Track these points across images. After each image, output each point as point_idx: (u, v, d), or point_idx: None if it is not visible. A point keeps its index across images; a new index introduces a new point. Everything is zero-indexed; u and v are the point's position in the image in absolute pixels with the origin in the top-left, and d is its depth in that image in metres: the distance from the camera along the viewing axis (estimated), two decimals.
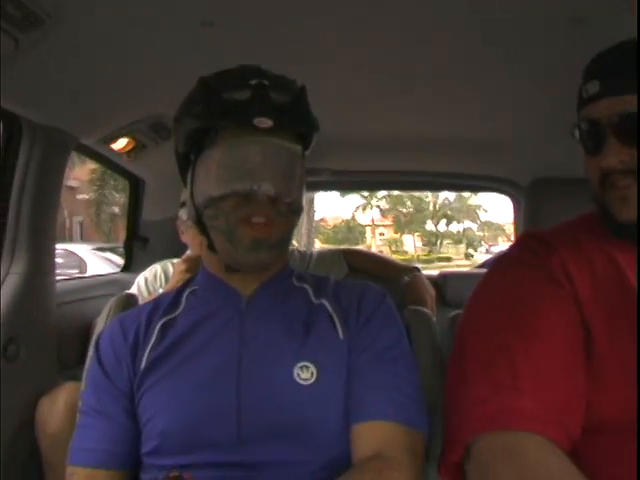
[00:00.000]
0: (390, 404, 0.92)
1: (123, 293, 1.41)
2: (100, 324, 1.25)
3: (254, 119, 0.91)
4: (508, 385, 0.80)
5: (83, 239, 18.01)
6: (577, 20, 1.23)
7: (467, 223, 38.61)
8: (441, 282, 2.38)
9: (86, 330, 1.99)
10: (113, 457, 0.96)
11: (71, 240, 15.50)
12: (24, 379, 1.59)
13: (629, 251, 0.87)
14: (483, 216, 38.42)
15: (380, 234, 38.23)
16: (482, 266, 3.52)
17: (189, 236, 1.95)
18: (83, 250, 8.05)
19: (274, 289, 1.04)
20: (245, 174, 0.92)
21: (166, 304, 1.06)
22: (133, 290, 1.98)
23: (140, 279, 2.02)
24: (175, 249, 2.33)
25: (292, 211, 0.99)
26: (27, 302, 1.62)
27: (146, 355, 0.98)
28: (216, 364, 0.95)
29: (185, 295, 1.07)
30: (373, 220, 36.62)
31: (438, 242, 37.35)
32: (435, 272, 2.53)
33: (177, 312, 1.04)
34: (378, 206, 35.37)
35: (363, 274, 2.11)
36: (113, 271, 2.74)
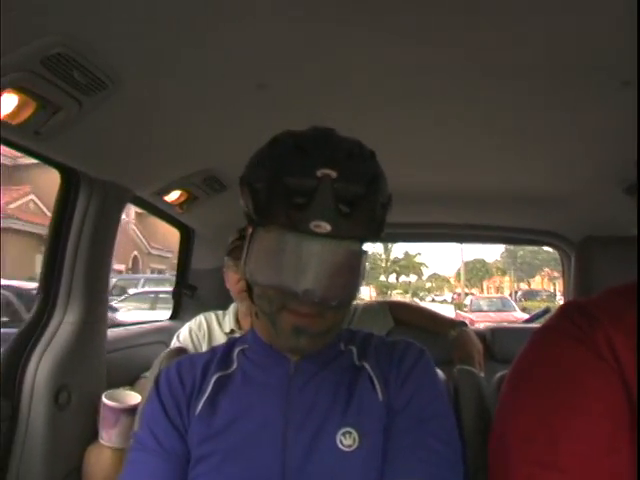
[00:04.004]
0: (418, 463, 0.89)
1: (173, 347, 1.43)
2: (151, 378, 1.25)
3: (311, 222, 0.84)
4: (549, 464, 0.77)
5: None
6: (625, 83, 1.23)
7: (412, 277, 54.91)
8: (489, 337, 2.33)
9: (134, 378, 2.02)
10: None
11: None
12: (74, 426, 1.61)
13: None
14: (426, 271, 55.80)
15: None
16: (529, 321, 3.43)
17: (230, 284, 1.96)
18: None
19: (322, 355, 1.01)
20: (291, 275, 0.87)
21: (219, 358, 1.05)
22: (178, 339, 1.99)
23: (185, 329, 2.02)
24: (223, 298, 2.35)
25: (342, 305, 0.94)
26: (79, 351, 1.65)
27: (201, 405, 0.97)
28: (262, 430, 0.93)
29: (236, 352, 1.06)
30: None
31: (389, 292, 49.20)
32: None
33: (230, 370, 1.03)
34: None
35: (409, 328, 2.09)
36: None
